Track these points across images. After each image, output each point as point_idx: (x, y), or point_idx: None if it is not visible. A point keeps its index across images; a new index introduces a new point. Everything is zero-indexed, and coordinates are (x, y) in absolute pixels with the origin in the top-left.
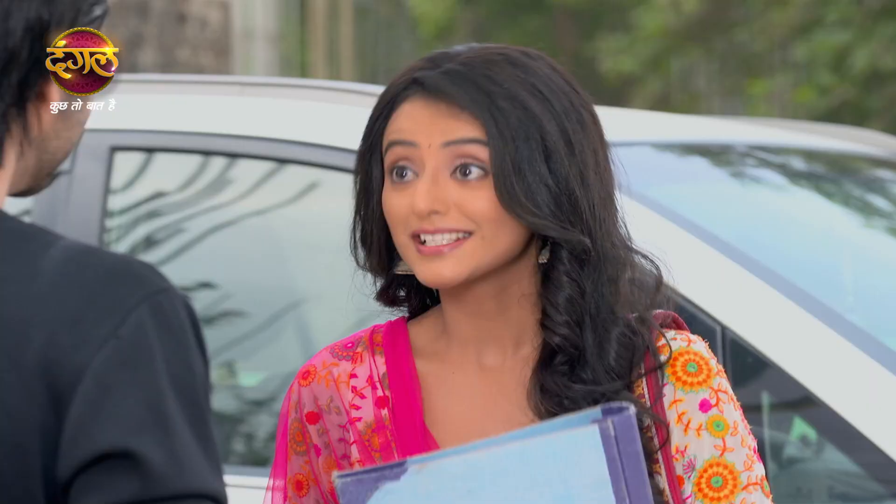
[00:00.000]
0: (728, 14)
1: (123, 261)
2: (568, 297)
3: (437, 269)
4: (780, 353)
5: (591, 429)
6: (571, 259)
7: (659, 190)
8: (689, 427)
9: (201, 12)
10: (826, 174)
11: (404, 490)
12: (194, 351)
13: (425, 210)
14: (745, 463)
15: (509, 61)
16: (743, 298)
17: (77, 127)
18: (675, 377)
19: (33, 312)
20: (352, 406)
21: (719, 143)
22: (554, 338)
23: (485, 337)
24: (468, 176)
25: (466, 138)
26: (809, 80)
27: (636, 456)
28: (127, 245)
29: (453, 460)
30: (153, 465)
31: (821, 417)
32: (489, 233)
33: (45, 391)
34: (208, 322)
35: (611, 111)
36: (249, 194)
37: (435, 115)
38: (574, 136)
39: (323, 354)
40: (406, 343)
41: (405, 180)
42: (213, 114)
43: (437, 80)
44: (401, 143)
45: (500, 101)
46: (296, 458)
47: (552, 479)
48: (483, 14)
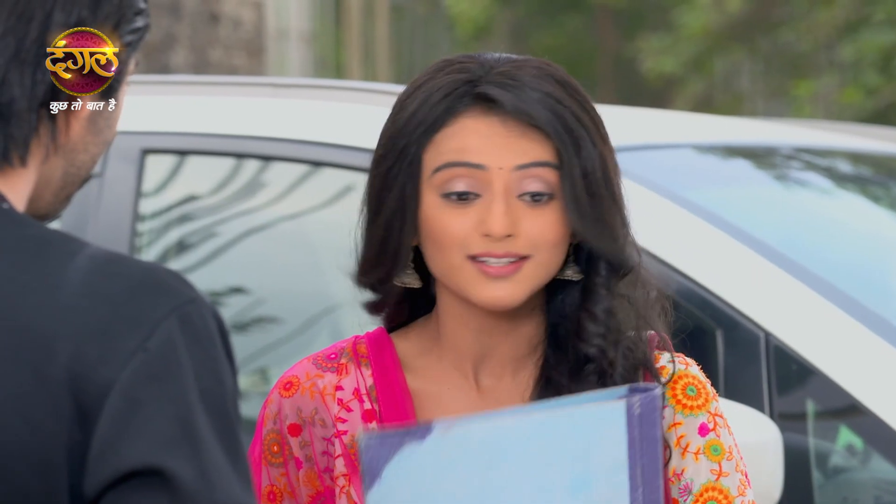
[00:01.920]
0: (772, 13)
1: (150, 270)
2: (606, 309)
3: (497, 293)
4: (826, 361)
5: (617, 404)
6: (609, 271)
7: (701, 193)
8: (686, 450)
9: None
10: (873, 177)
11: (427, 453)
12: (223, 362)
13: (503, 233)
14: (739, 488)
15: (550, 75)
16: (787, 304)
17: (102, 144)
18: (674, 400)
19: (59, 324)
20: (338, 419)
21: (763, 146)
22: (590, 349)
23: (486, 354)
24: (538, 201)
25: (539, 161)
26: (856, 81)
27: (655, 442)
28: (158, 250)
29: (478, 426)
30: (183, 482)
31: (867, 426)
32: (546, 257)
33: (72, 406)
34: (241, 328)
35: (652, 113)
36: (283, 198)
37: (507, 133)
38: (609, 154)
39: (305, 365)
40: (393, 356)
41: (466, 201)
42: (246, 115)
43: (505, 96)
44: (465, 165)
45: (564, 118)
46: (271, 469)
47: (572, 457)
48: (521, 13)
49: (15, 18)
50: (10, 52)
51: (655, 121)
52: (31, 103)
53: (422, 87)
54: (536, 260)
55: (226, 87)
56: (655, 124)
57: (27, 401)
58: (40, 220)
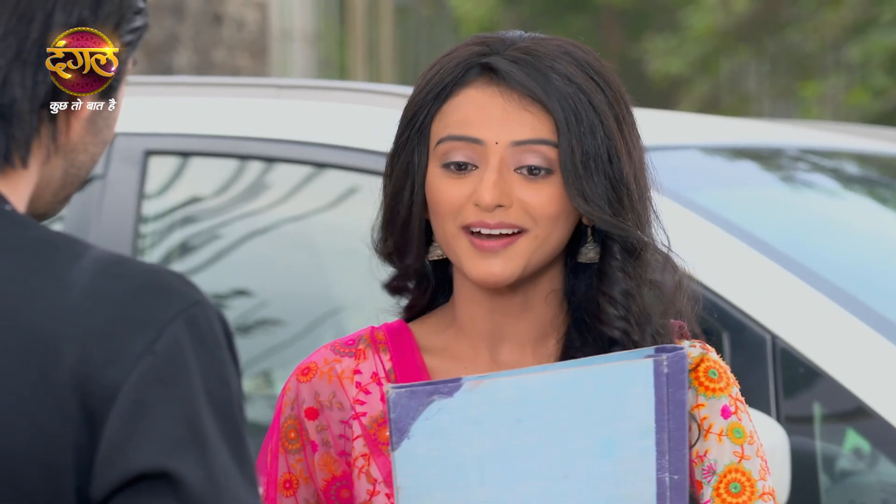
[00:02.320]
0: (779, 14)
1: (155, 272)
2: (623, 291)
3: (489, 267)
4: (833, 363)
5: (646, 363)
6: (623, 254)
7: (707, 194)
8: (710, 432)
9: (238, 12)
10: (880, 178)
11: (455, 408)
12: (229, 365)
13: (492, 203)
14: (760, 472)
15: (567, 52)
16: (794, 306)
17: (102, 144)
18: (697, 382)
19: (65, 327)
20: (356, 401)
21: (770, 147)
22: (614, 332)
23: (503, 334)
24: (535, 175)
25: (537, 139)
26: (863, 82)
27: (682, 405)
28: (161, 251)
29: (507, 381)
30: (191, 485)
31: (874, 429)
32: (543, 232)
33: (79, 409)
34: (245, 330)
35: (658, 114)
36: (286, 199)
37: (506, 106)
38: (628, 134)
39: (323, 352)
40: (411, 340)
41: (465, 171)
42: (249, 117)
43: (510, 67)
44: (463, 139)
45: (571, 94)
46: (287, 457)
47: (599, 419)
48: (526, 14)
49: (16, 19)
50: (11, 53)
51: (661, 122)
52: (33, 104)
53: (441, 59)
54: (533, 234)
55: (229, 88)
56: (661, 125)
57: (33, 403)
58: (38, 219)
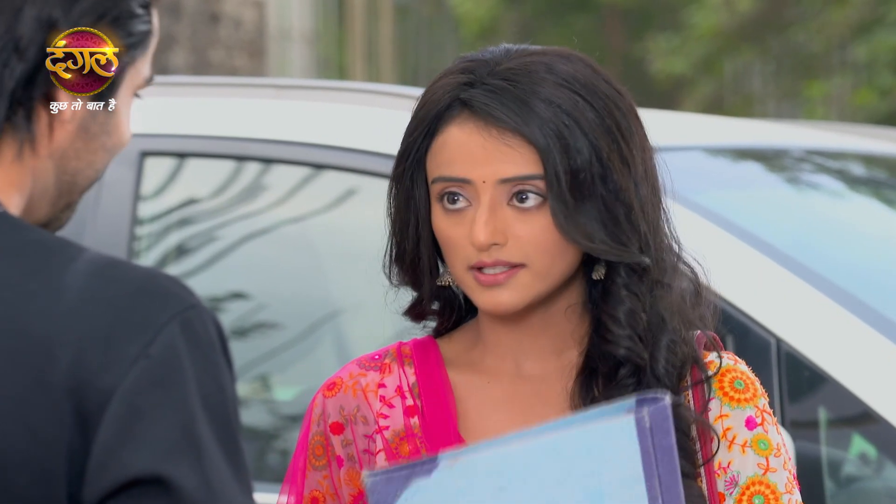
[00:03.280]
0: (784, 13)
1: (150, 275)
2: (628, 311)
3: (496, 298)
4: (838, 367)
5: (627, 419)
6: (629, 272)
7: (711, 196)
8: (733, 443)
9: (235, 12)
10: (886, 180)
11: (435, 487)
12: (224, 369)
13: (486, 243)
14: (787, 486)
15: (551, 70)
16: (799, 310)
17: (101, 152)
18: (721, 392)
19: (60, 330)
20: (379, 415)
21: (774, 148)
22: (619, 350)
23: (525, 348)
24: (525, 202)
25: (522, 175)
26: (869, 82)
27: (670, 451)
28: (157, 254)
29: (485, 454)
30: (185, 491)
31: (881, 434)
32: (542, 266)
33: (73, 413)
34: (242, 334)
35: (661, 114)
36: (285, 201)
37: (487, 143)
38: (625, 146)
39: (350, 367)
40: (437, 354)
41: (457, 206)
42: (247, 117)
43: (485, 101)
44: (452, 180)
45: (553, 122)
46: (314, 474)
47: (584, 474)
48: (528, 13)
49: None
50: None
51: (664, 123)
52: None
53: (430, 88)
54: (533, 270)
55: (226, 88)
56: (664, 126)
57: (28, 407)
58: (43, 227)
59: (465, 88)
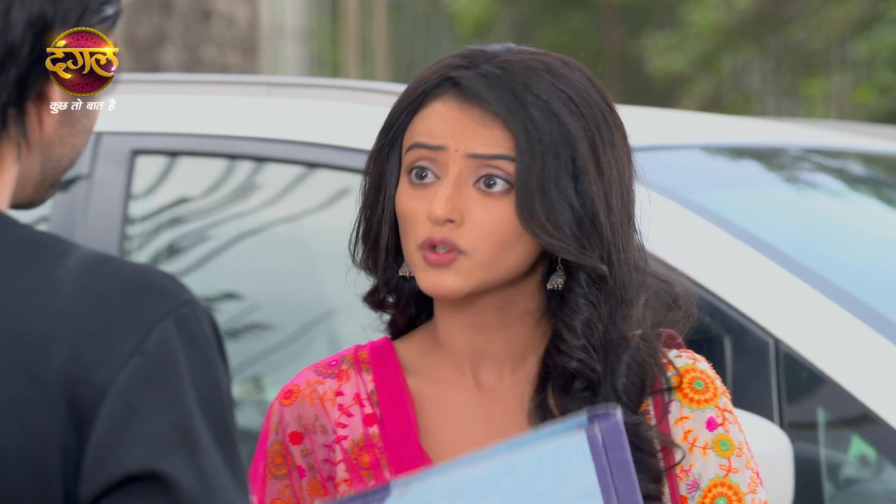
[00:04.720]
0: (783, 10)
1: (144, 271)
2: (585, 321)
3: (440, 280)
4: (837, 368)
5: (579, 436)
6: (589, 282)
7: (708, 195)
8: (694, 445)
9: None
10: (886, 179)
11: None
12: (219, 365)
13: (442, 217)
14: (750, 485)
15: (548, 70)
16: (797, 310)
17: (83, 134)
18: (681, 394)
19: (54, 327)
20: (338, 424)
21: (773, 146)
22: (571, 362)
23: (481, 352)
24: (492, 188)
25: (494, 154)
26: (869, 80)
27: (625, 464)
28: (149, 253)
29: (438, 480)
30: (181, 487)
31: (880, 436)
32: (485, 257)
33: (68, 410)
34: (234, 334)
35: (659, 112)
36: (277, 200)
37: (467, 119)
38: (604, 157)
39: (306, 373)
40: (395, 360)
41: (425, 182)
42: (239, 115)
43: (474, 82)
44: (426, 147)
45: (536, 114)
46: (274, 483)
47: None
48: (524, 10)
49: None
50: None
51: (662, 121)
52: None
53: (422, 71)
54: (473, 259)
55: (218, 86)
56: (662, 124)
57: (22, 405)
58: (25, 207)
59: (458, 70)
